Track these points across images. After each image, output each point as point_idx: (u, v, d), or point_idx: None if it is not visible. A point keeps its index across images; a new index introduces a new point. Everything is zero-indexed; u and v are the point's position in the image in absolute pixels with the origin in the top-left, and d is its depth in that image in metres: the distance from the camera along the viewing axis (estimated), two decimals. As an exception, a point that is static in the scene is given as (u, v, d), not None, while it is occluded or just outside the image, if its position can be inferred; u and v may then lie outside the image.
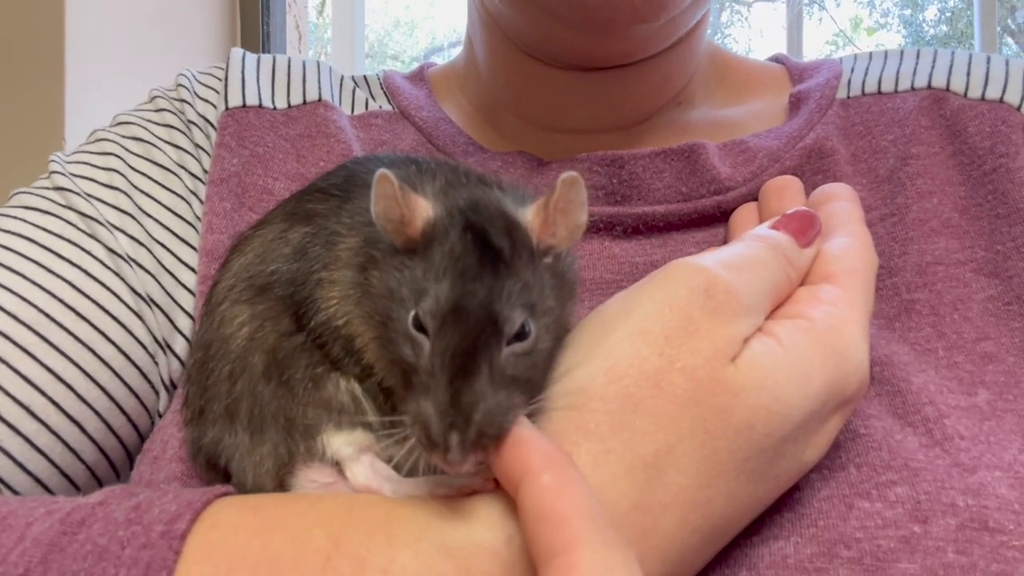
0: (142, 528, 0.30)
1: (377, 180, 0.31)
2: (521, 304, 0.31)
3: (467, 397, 0.29)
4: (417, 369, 0.30)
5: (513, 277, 0.31)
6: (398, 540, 0.30)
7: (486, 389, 0.29)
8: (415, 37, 3.36)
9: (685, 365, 0.32)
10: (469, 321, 0.30)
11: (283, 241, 0.37)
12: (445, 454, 0.29)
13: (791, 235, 0.38)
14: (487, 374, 0.30)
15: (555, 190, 0.32)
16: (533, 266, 0.32)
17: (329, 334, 0.35)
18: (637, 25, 0.49)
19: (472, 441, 0.29)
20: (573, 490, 0.27)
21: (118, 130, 0.56)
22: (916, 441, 0.39)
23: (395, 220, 0.32)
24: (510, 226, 0.32)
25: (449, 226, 0.32)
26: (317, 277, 0.35)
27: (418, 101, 0.61)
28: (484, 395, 0.29)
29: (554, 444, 0.29)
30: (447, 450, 0.29)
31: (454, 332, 0.30)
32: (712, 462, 0.32)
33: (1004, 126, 0.51)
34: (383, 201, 0.31)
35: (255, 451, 0.36)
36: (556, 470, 0.28)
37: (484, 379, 0.29)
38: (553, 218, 0.32)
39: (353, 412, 0.35)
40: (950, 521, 0.34)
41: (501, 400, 0.30)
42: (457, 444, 0.29)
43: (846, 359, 0.35)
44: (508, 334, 0.30)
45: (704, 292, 0.34)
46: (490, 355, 0.30)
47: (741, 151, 0.53)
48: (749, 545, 0.35)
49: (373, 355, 0.34)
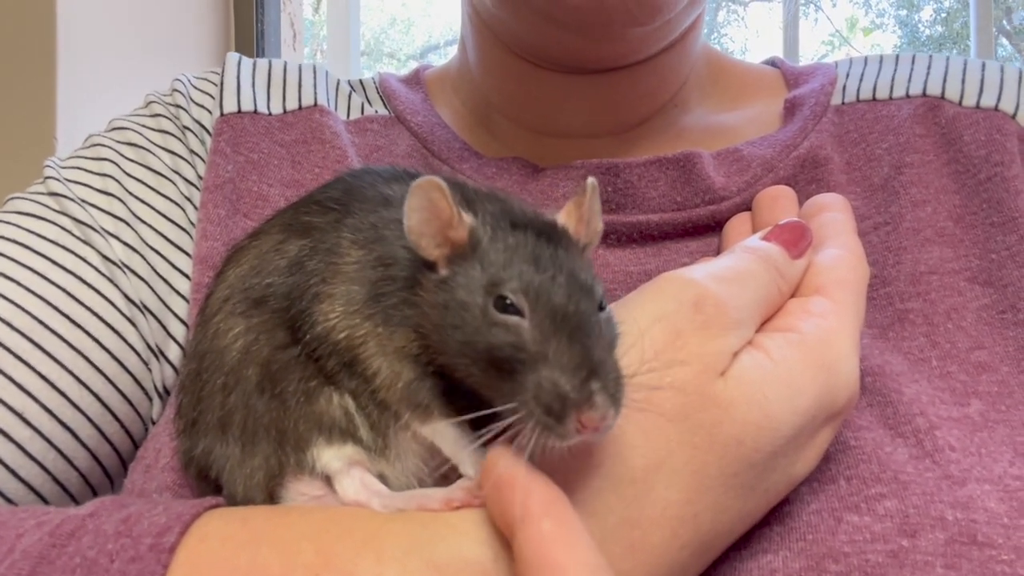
0: (131, 541, 0.30)
1: (423, 187, 0.31)
2: (592, 275, 0.31)
3: (595, 354, 0.29)
4: (520, 348, 0.29)
5: (577, 258, 0.32)
6: (386, 555, 0.30)
7: (606, 349, 0.29)
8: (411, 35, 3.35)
9: (674, 380, 0.32)
10: (567, 290, 0.30)
11: (279, 253, 0.37)
12: (589, 407, 0.28)
13: (782, 246, 0.38)
14: (600, 337, 0.29)
15: (585, 193, 0.34)
16: (572, 247, 0.33)
17: (325, 348, 0.34)
18: (632, 28, 0.49)
19: (612, 393, 0.28)
20: (572, 538, 0.27)
21: (113, 135, 0.56)
22: (906, 453, 0.39)
23: (436, 228, 0.31)
24: (551, 223, 0.33)
25: (495, 227, 0.32)
26: (315, 291, 0.35)
27: (414, 105, 0.61)
28: (607, 354, 0.29)
29: (551, 485, 0.29)
30: (591, 404, 0.28)
31: (554, 302, 0.29)
32: (701, 477, 0.32)
33: (999, 135, 0.51)
34: (422, 210, 0.31)
35: (246, 463, 0.36)
36: (555, 516, 0.28)
37: (601, 340, 0.29)
38: (587, 218, 0.34)
39: (345, 427, 0.35)
40: (939, 535, 0.34)
41: (616, 362, 0.30)
42: (601, 392, 0.28)
43: (836, 373, 0.35)
44: (598, 299, 0.31)
45: (693, 306, 0.34)
46: (596, 320, 0.30)
47: (735, 160, 0.53)
48: (738, 559, 0.35)
49: (391, 366, 0.33)
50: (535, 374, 0.28)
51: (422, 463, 0.35)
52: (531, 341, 0.29)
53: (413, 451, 0.35)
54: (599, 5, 0.47)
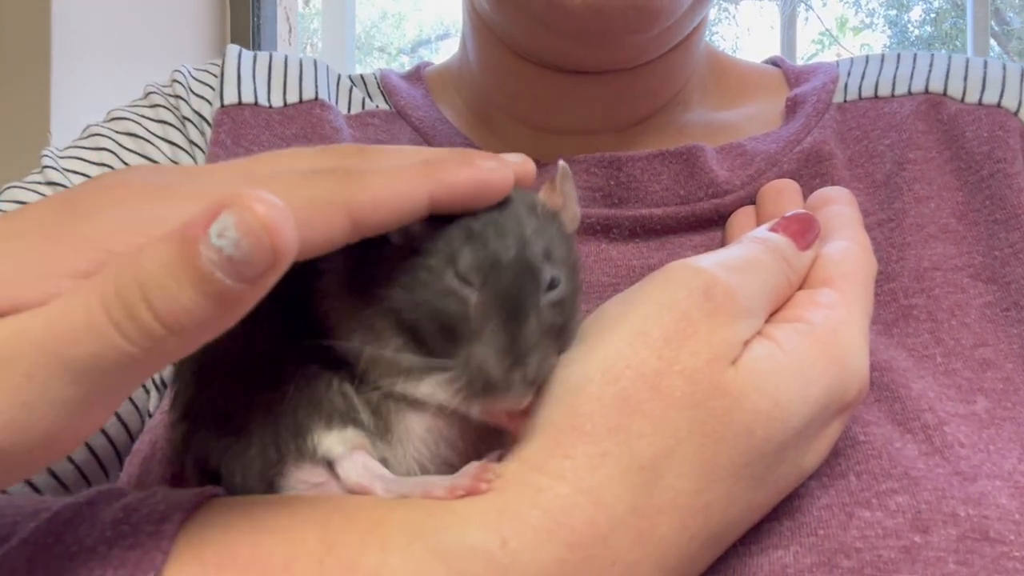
0: (130, 528, 0.30)
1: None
2: (548, 256, 0.33)
3: (523, 341, 0.31)
4: (465, 318, 0.31)
5: (535, 233, 0.33)
6: (391, 543, 0.29)
7: (537, 334, 0.31)
8: (402, 29, 3.35)
9: (684, 368, 0.32)
10: (512, 273, 0.31)
11: None
12: (506, 393, 0.30)
13: (790, 237, 0.38)
14: (535, 322, 0.31)
15: (564, 175, 0.35)
16: (547, 225, 0.34)
17: (322, 332, 0.34)
18: (630, 35, 0.49)
19: (531, 380, 0.31)
20: None
21: (112, 125, 0.55)
22: (916, 449, 0.39)
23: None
24: (517, 193, 0.34)
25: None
26: (308, 275, 0.35)
27: (415, 101, 0.60)
28: (537, 339, 0.31)
29: None
30: (510, 389, 0.30)
31: (501, 283, 0.31)
32: (711, 467, 0.32)
33: (1001, 131, 0.51)
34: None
35: (244, 453, 0.35)
36: None
37: (534, 326, 0.31)
38: (562, 203, 0.35)
39: (345, 411, 0.34)
40: (951, 531, 0.34)
41: (548, 345, 0.32)
42: (520, 382, 0.30)
43: (846, 364, 0.35)
44: (544, 284, 0.32)
45: (703, 294, 0.33)
46: (535, 303, 0.32)
47: (739, 154, 0.52)
48: (748, 555, 0.35)
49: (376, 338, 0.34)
50: (470, 347, 0.31)
51: (424, 447, 0.35)
52: (475, 316, 0.31)
53: (415, 434, 0.34)
54: (597, 12, 0.47)
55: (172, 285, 0.24)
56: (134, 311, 0.24)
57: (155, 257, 0.24)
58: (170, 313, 0.24)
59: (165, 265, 0.24)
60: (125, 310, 0.24)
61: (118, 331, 0.24)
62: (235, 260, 0.24)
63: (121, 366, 0.25)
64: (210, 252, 0.24)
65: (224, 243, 0.24)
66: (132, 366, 0.25)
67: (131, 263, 0.24)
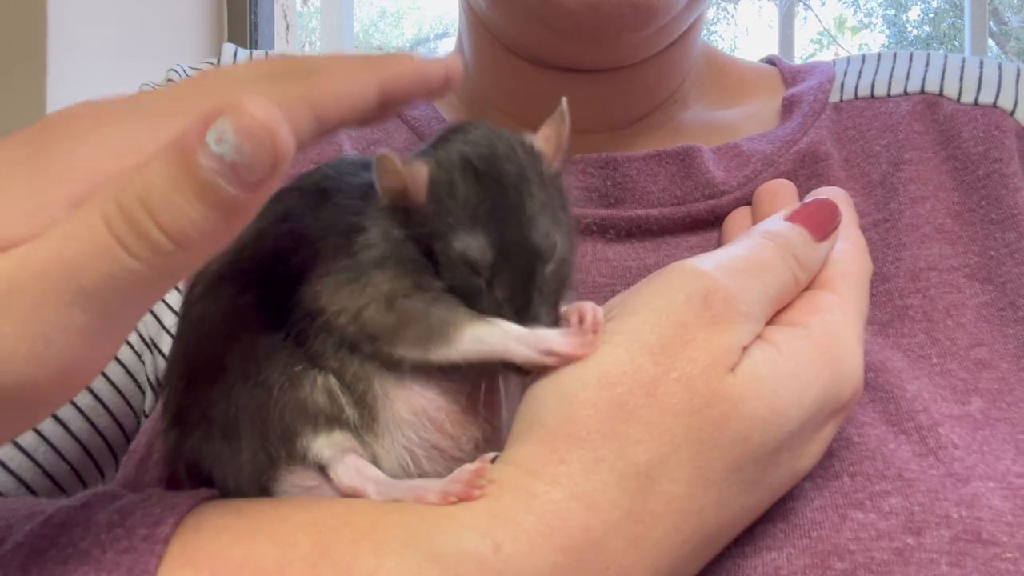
0: (124, 531, 0.30)
1: (377, 160, 0.33)
2: (548, 227, 0.34)
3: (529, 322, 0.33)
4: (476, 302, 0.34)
5: (532, 199, 0.34)
6: (384, 547, 0.29)
7: (539, 310, 0.33)
8: (401, 28, 3.35)
9: (681, 375, 0.32)
10: (516, 261, 0.33)
11: (263, 238, 0.37)
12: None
13: (808, 228, 0.37)
14: (538, 298, 0.33)
15: (559, 119, 0.36)
16: (544, 184, 0.35)
17: (312, 327, 0.34)
18: (626, 34, 0.49)
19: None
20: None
21: None
22: (910, 450, 0.39)
23: (400, 191, 0.33)
24: (511, 150, 0.35)
25: (450, 173, 0.34)
26: (298, 273, 0.35)
27: None
28: (541, 317, 0.33)
29: None
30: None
31: (505, 274, 0.33)
32: (706, 472, 0.32)
33: (997, 131, 0.51)
34: (385, 177, 0.33)
35: (234, 457, 0.35)
36: None
37: (536, 303, 0.33)
38: (560, 144, 0.36)
39: (330, 411, 0.34)
40: (944, 533, 0.34)
41: (550, 311, 0.34)
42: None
43: (841, 366, 0.35)
44: (547, 260, 0.34)
45: (702, 299, 0.33)
46: (538, 281, 0.33)
47: (735, 155, 0.52)
48: (742, 556, 0.35)
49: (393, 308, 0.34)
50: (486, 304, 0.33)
51: (412, 432, 0.35)
52: (487, 304, 0.33)
53: (402, 419, 0.34)
54: (593, 10, 0.46)
55: (176, 198, 0.24)
56: (140, 227, 0.24)
57: (156, 172, 0.24)
58: (176, 226, 0.24)
59: (167, 178, 0.24)
60: (131, 227, 0.24)
61: (125, 249, 0.24)
62: (237, 165, 0.24)
63: (130, 286, 0.25)
64: (210, 161, 0.24)
65: (224, 148, 0.24)
66: (141, 286, 0.25)
67: (131, 180, 0.24)
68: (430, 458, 0.35)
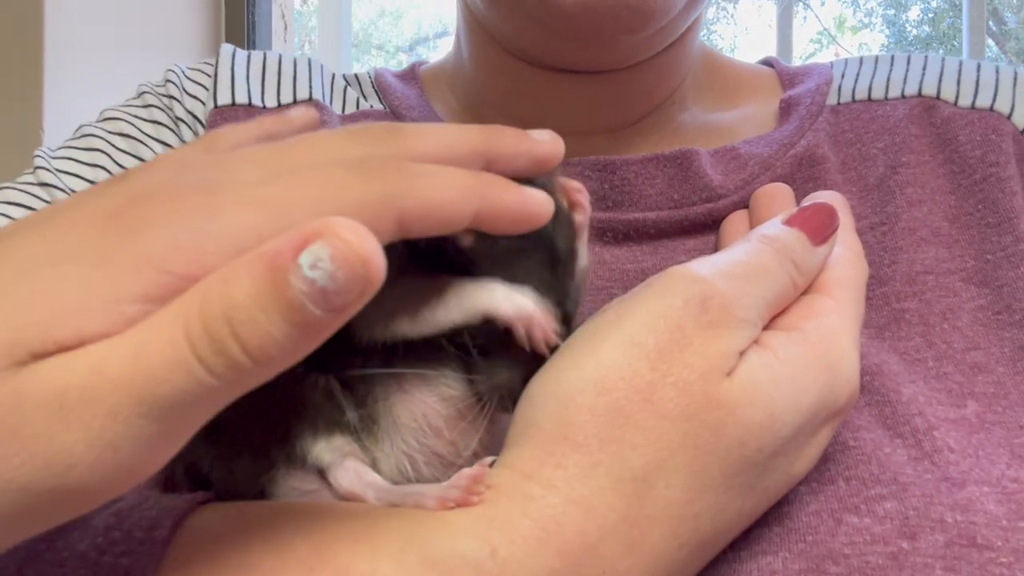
0: (121, 535, 0.30)
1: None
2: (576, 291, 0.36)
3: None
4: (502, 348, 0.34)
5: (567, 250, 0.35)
6: (381, 551, 0.29)
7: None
8: (400, 27, 3.34)
9: (678, 380, 0.32)
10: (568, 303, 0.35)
11: None
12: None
13: (805, 232, 0.37)
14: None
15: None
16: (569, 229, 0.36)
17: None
18: (624, 36, 0.49)
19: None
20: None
21: (104, 125, 0.55)
22: (905, 454, 0.39)
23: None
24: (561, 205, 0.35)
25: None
26: None
27: (409, 101, 0.60)
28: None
29: None
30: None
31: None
32: (702, 477, 0.32)
33: (994, 135, 0.51)
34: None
35: (234, 460, 0.35)
36: None
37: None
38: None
39: (330, 414, 0.34)
40: (939, 537, 0.34)
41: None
42: None
43: (838, 371, 0.35)
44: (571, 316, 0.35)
45: (699, 304, 0.33)
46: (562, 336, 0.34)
47: (732, 158, 0.52)
48: (737, 560, 0.35)
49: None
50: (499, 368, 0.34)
51: (412, 438, 0.35)
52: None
53: (402, 423, 0.35)
54: (591, 11, 0.46)
55: (261, 317, 0.23)
56: (223, 345, 0.23)
57: (242, 288, 0.23)
58: (259, 346, 0.24)
59: (254, 296, 0.23)
60: (213, 345, 0.23)
61: (204, 366, 0.23)
62: (328, 291, 0.23)
63: (203, 399, 0.24)
64: (301, 283, 0.23)
65: (317, 274, 0.23)
66: (211, 399, 0.25)
67: (216, 294, 0.24)
68: (429, 464, 0.35)
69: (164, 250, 0.25)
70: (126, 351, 0.24)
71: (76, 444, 0.23)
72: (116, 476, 0.24)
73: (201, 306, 0.24)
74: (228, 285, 0.24)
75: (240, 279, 0.24)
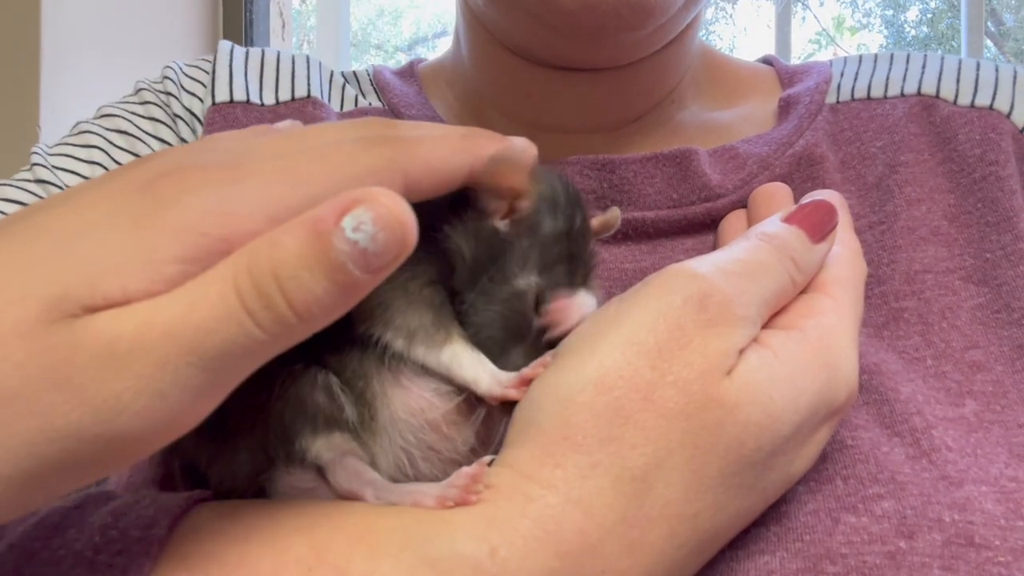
0: (118, 533, 0.30)
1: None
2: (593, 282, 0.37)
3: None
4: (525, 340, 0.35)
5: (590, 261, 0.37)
6: (380, 550, 0.29)
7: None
8: (399, 26, 3.35)
9: (677, 379, 0.32)
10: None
11: None
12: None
13: (804, 230, 0.37)
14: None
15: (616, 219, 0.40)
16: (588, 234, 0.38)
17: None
18: (623, 33, 0.49)
19: None
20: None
21: (102, 122, 0.55)
22: (903, 453, 0.39)
23: (510, 191, 0.34)
24: (581, 204, 0.37)
25: (549, 203, 0.36)
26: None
27: (408, 98, 0.60)
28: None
29: None
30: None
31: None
32: (701, 476, 0.32)
33: (994, 133, 0.51)
34: (503, 171, 0.34)
35: (232, 458, 0.35)
36: None
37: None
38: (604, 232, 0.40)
39: (329, 411, 0.34)
40: (936, 536, 0.34)
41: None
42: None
43: (836, 370, 0.35)
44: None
45: (698, 303, 0.33)
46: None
47: (731, 158, 0.52)
48: (735, 560, 0.35)
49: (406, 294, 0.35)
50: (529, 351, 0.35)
51: (410, 433, 0.35)
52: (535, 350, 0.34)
53: (400, 419, 0.35)
54: (590, 9, 0.46)
55: (306, 276, 0.25)
56: (271, 300, 0.25)
57: (289, 248, 0.26)
58: (303, 302, 0.26)
59: (300, 257, 0.25)
60: (262, 299, 0.25)
61: (252, 319, 0.25)
62: (369, 252, 0.26)
63: (249, 352, 0.26)
64: (343, 244, 0.25)
65: (360, 236, 0.26)
66: (258, 352, 0.27)
67: (264, 253, 0.26)
68: (426, 459, 0.35)
69: (198, 215, 0.27)
70: (176, 306, 0.25)
71: (125, 391, 0.25)
72: (161, 424, 0.26)
73: (250, 265, 0.26)
74: (275, 247, 0.26)
75: (287, 241, 0.26)
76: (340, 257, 0.25)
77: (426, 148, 0.31)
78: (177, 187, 0.28)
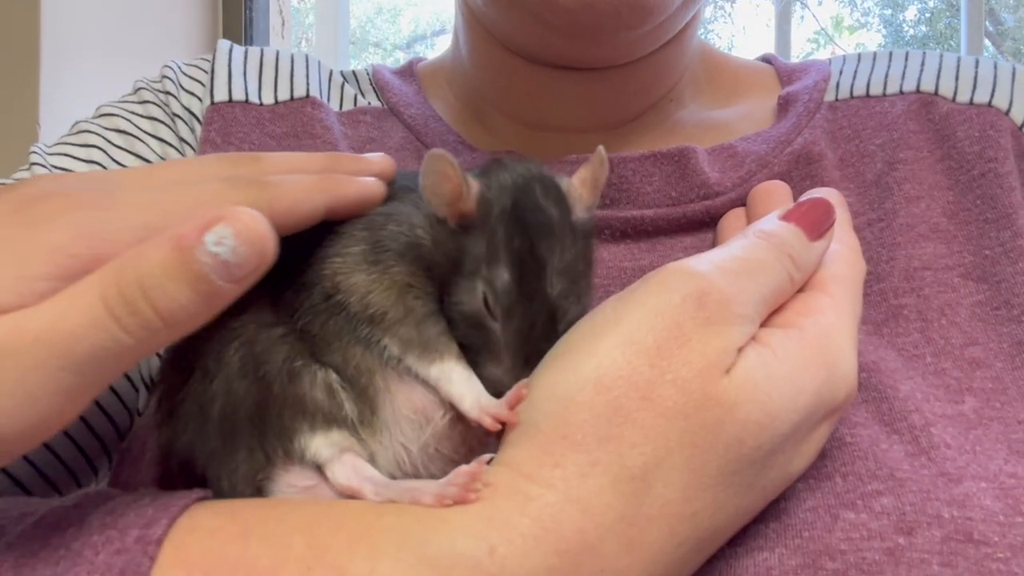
0: (117, 532, 0.30)
1: (430, 157, 0.34)
2: (570, 290, 0.35)
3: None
4: (487, 342, 0.35)
5: (561, 254, 0.35)
6: (379, 550, 0.29)
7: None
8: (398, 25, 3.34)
9: (676, 377, 0.32)
10: (532, 313, 0.35)
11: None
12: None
13: (802, 228, 0.37)
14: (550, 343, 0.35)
15: (598, 163, 0.38)
16: (574, 234, 0.36)
17: (319, 313, 0.35)
18: (622, 32, 0.49)
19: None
20: None
21: (101, 122, 0.55)
22: (902, 450, 0.39)
23: (445, 195, 0.35)
24: (558, 197, 0.37)
25: (498, 202, 0.36)
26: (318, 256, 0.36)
27: (407, 98, 0.60)
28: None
29: None
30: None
31: (520, 321, 0.35)
32: (700, 475, 0.31)
33: (992, 130, 0.51)
34: (432, 176, 0.35)
35: (230, 457, 0.35)
36: None
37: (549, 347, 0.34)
38: (596, 188, 0.38)
39: (328, 409, 0.34)
40: (935, 533, 0.34)
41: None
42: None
43: (835, 368, 0.35)
44: (561, 321, 0.35)
45: (697, 301, 0.33)
46: (551, 339, 0.34)
47: (730, 156, 0.52)
48: (734, 556, 0.35)
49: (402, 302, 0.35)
50: (490, 367, 0.35)
51: (410, 430, 0.35)
52: (495, 343, 0.35)
53: (401, 415, 0.35)
54: (589, 8, 0.46)
55: (171, 285, 0.28)
56: (136, 307, 0.28)
57: (153, 260, 0.28)
58: (168, 309, 0.28)
59: (164, 267, 0.28)
60: (128, 307, 0.28)
61: (119, 326, 0.28)
62: (231, 264, 0.28)
63: (117, 356, 0.28)
64: (206, 257, 0.28)
65: (221, 249, 0.28)
66: (126, 355, 0.29)
67: (130, 265, 0.28)
68: (426, 457, 0.35)
69: (69, 237, 0.30)
70: (47, 314, 0.28)
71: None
72: (32, 425, 0.28)
73: (117, 276, 0.28)
74: (141, 259, 0.28)
75: (152, 254, 0.28)
76: (203, 269, 0.28)
77: (288, 190, 0.34)
78: (47, 212, 0.31)
